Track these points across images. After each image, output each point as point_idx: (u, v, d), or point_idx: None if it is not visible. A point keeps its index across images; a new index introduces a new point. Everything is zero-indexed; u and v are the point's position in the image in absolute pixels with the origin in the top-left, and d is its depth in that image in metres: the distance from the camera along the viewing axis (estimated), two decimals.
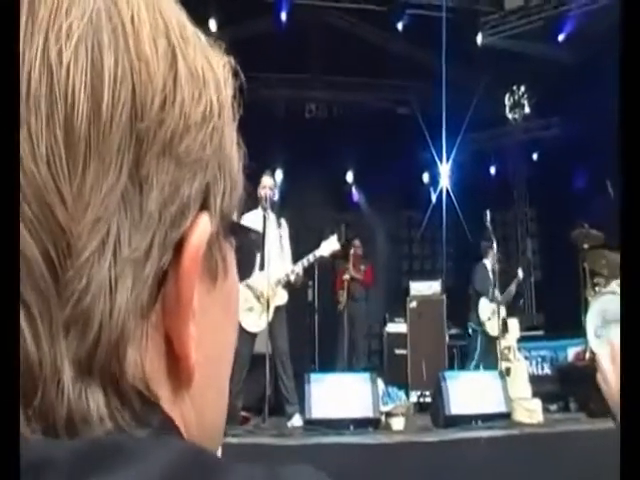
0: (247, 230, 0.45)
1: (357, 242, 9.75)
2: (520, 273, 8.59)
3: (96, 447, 0.30)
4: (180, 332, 0.37)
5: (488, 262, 8.39)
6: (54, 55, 0.33)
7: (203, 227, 0.37)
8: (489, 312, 8.20)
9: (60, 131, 0.32)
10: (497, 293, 8.11)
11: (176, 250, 0.36)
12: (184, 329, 0.37)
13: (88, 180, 0.33)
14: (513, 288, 8.49)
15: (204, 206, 0.38)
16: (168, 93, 0.36)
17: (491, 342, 8.04)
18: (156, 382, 0.36)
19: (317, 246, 6.07)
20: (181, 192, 0.36)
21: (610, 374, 0.76)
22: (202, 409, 0.40)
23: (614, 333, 0.77)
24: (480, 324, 8.31)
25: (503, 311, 8.01)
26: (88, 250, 0.33)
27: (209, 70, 0.39)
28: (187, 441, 0.37)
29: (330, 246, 6.04)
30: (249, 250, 0.47)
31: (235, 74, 0.42)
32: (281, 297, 5.88)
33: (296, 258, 6.07)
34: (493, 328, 8.03)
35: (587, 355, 6.88)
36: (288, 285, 5.94)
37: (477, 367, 8.01)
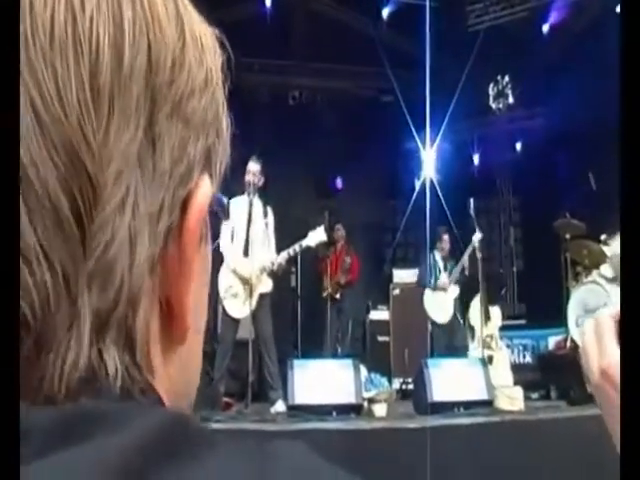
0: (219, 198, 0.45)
1: (340, 233, 9.28)
2: (470, 249, 8.11)
3: (78, 414, 0.30)
4: (181, 291, 0.38)
5: (437, 252, 8.45)
6: (77, 3, 0.33)
7: (206, 188, 0.39)
8: (432, 301, 8.16)
9: (87, 79, 0.33)
10: (443, 277, 8.17)
11: (181, 209, 0.37)
12: (185, 288, 0.38)
13: (112, 131, 0.33)
14: (466, 258, 8.18)
15: (205, 168, 0.39)
16: (177, 55, 0.37)
17: (443, 333, 8.03)
18: (153, 342, 0.37)
19: (300, 233, 6.05)
20: (187, 152, 0.37)
21: (592, 348, 0.74)
22: (187, 368, 0.42)
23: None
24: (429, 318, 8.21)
25: (456, 291, 8.06)
26: (113, 202, 0.33)
27: (206, 38, 0.41)
28: (174, 409, 0.38)
29: (317, 237, 6.02)
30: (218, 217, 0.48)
31: (222, 45, 0.43)
32: (266, 284, 5.87)
33: (279, 244, 6.05)
34: (442, 317, 8.01)
35: (568, 344, 6.94)
36: (273, 273, 5.93)
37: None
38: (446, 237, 8.61)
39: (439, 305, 8.12)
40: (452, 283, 8.23)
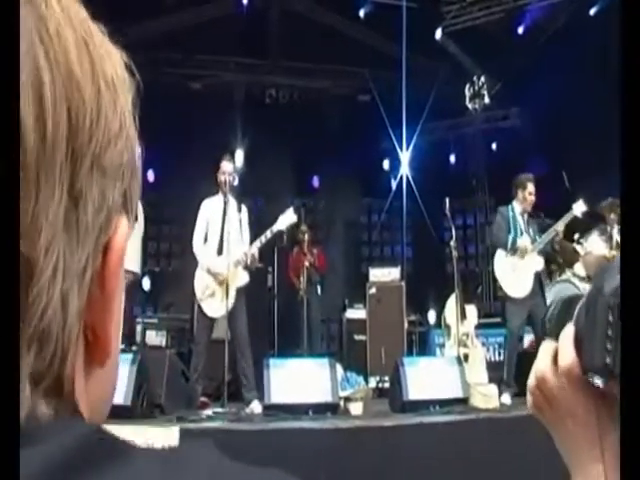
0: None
1: (304, 227, 9.10)
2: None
3: None
4: (105, 323, 0.39)
5: (517, 204, 6.72)
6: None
7: (124, 229, 0.40)
8: (507, 267, 6.60)
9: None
10: (525, 239, 6.54)
11: (102, 253, 0.39)
12: (109, 320, 0.39)
13: (40, 204, 0.33)
14: (561, 227, 6.53)
15: (122, 209, 0.40)
16: (94, 109, 0.36)
17: (518, 310, 6.46)
18: (78, 370, 0.38)
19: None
20: (107, 201, 0.38)
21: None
22: (104, 387, 0.43)
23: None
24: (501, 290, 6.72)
25: (539, 263, 6.46)
26: (46, 273, 0.34)
27: (117, 76, 0.40)
28: (92, 424, 0.38)
29: (287, 219, 6.01)
30: None
31: (132, 73, 0.42)
32: (242, 278, 5.83)
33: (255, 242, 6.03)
34: (519, 289, 6.45)
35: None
36: (248, 266, 5.90)
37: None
38: (531, 186, 6.58)
39: (516, 274, 6.53)
40: (537, 251, 6.52)
